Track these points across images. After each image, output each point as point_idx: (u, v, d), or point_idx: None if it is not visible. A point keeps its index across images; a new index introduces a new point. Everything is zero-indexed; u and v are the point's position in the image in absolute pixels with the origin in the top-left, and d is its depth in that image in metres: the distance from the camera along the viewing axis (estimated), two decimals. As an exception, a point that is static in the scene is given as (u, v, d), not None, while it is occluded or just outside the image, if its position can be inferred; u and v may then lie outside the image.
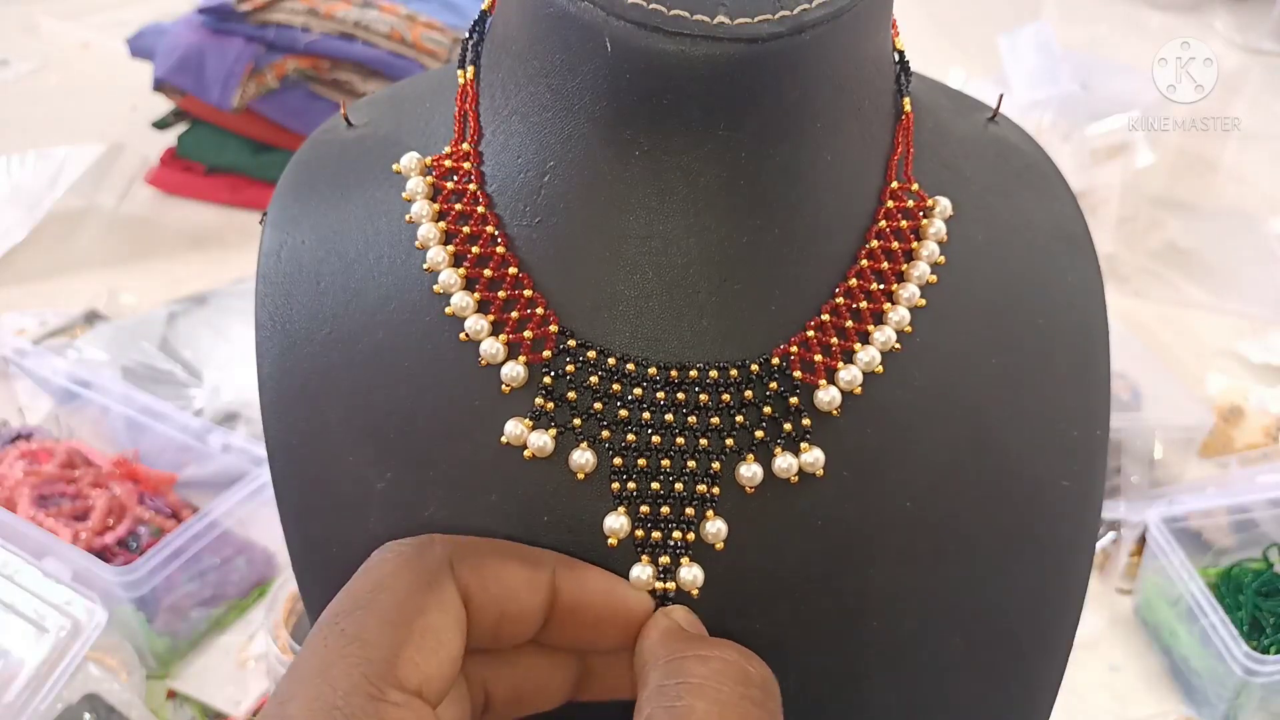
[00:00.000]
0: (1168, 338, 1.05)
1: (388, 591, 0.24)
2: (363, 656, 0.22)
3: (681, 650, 0.24)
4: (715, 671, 0.23)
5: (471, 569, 0.25)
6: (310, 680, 0.22)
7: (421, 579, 0.24)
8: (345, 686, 0.21)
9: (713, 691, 0.22)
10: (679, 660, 0.24)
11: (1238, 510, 0.76)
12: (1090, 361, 0.31)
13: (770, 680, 0.24)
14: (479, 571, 0.25)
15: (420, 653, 0.22)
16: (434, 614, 0.23)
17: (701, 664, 0.23)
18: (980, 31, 1.44)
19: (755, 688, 0.23)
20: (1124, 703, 0.71)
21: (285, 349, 0.29)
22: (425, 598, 0.23)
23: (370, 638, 0.22)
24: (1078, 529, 0.31)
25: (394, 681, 0.22)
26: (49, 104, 1.47)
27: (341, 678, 0.22)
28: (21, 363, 0.86)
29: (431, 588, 0.23)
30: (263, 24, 1.11)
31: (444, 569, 0.24)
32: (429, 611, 0.23)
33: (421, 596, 0.23)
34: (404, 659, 0.22)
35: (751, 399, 0.27)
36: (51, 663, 0.57)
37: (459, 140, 0.30)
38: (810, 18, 0.25)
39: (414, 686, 0.22)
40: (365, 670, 0.22)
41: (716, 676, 0.23)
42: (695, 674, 0.23)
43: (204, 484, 0.77)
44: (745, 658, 0.24)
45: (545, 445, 0.27)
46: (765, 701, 0.23)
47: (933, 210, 0.30)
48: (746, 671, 0.23)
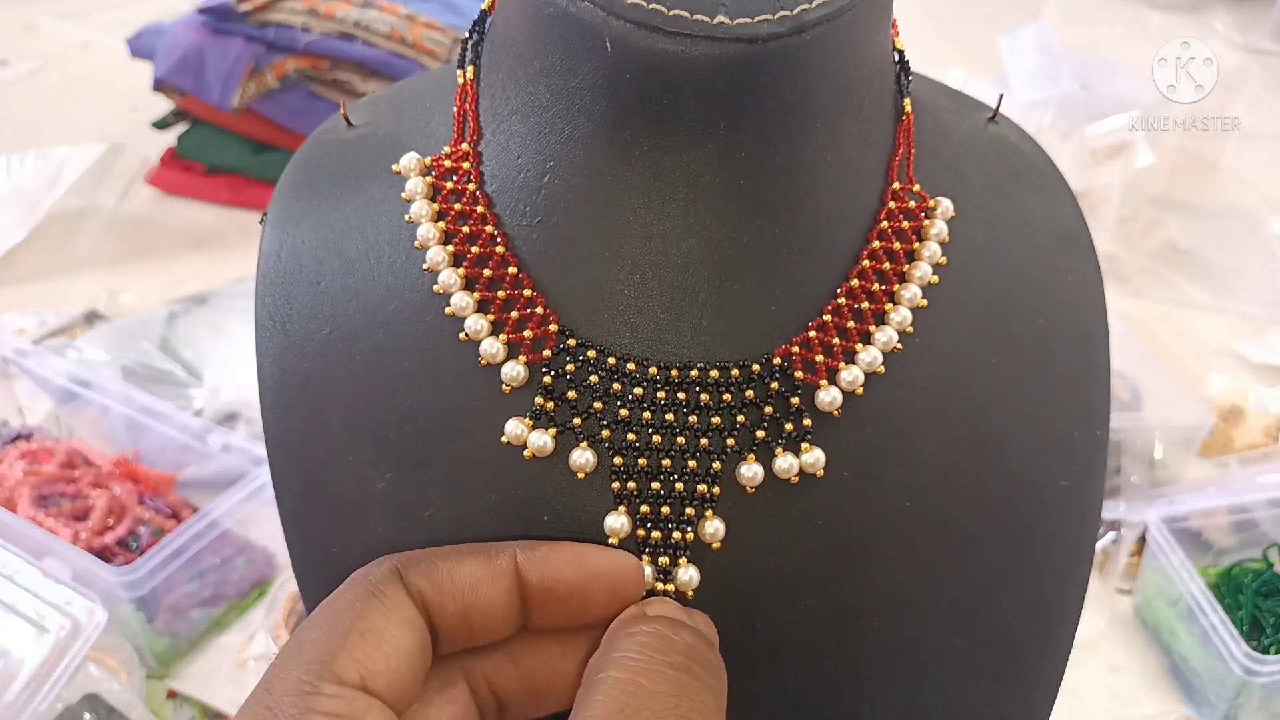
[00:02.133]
0: (1168, 338, 1.05)
1: (329, 608, 0.25)
2: (299, 661, 0.23)
3: (617, 629, 0.25)
4: (636, 643, 0.24)
5: (422, 573, 0.25)
6: (254, 693, 0.23)
7: (363, 590, 0.25)
8: (281, 689, 0.22)
9: (630, 661, 0.23)
10: (611, 637, 0.25)
11: (1238, 510, 0.76)
12: (1090, 361, 0.31)
13: (699, 645, 0.25)
14: (430, 574, 0.25)
15: (360, 649, 0.23)
16: (374, 616, 0.24)
17: (627, 638, 0.24)
18: (980, 31, 1.44)
19: (677, 654, 0.24)
20: (1124, 703, 0.71)
21: (285, 349, 0.29)
22: (365, 604, 0.24)
23: (307, 645, 0.23)
24: (1078, 529, 0.31)
25: (330, 677, 0.22)
26: (49, 104, 1.47)
27: (279, 683, 0.23)
28: (21, 363, 0.86)
29: (373, 595, 0.24)
30: (263, 24, 1.11)
31: (389, 578, 0.25)
32: (369, 615, 0.24)
33: (361, 604, 0.24)
34: (341, 656, 0.23)
35: (752, 398, 0.27)
36: (51, 663, 0.57)
37: (459, 140, 0.30)
38: (810, 18, 0.25)
39: (354, 680, 0.23)
40: (301, 672, 0.23)
41: (636, 647, 0.24)
42: (619, 648, 0.24)
43: (204, 484, 0.77)
44: (673, 627, 0.25)
45: (545, 445, 0.27)
46: (690, 666, 0.24)
47: (934, 211, 0.30)
48: (669, 640, 0.24)
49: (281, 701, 0.22)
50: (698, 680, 0.24)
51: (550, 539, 0.27)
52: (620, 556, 0.27)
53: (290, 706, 0.22)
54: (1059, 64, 1.13)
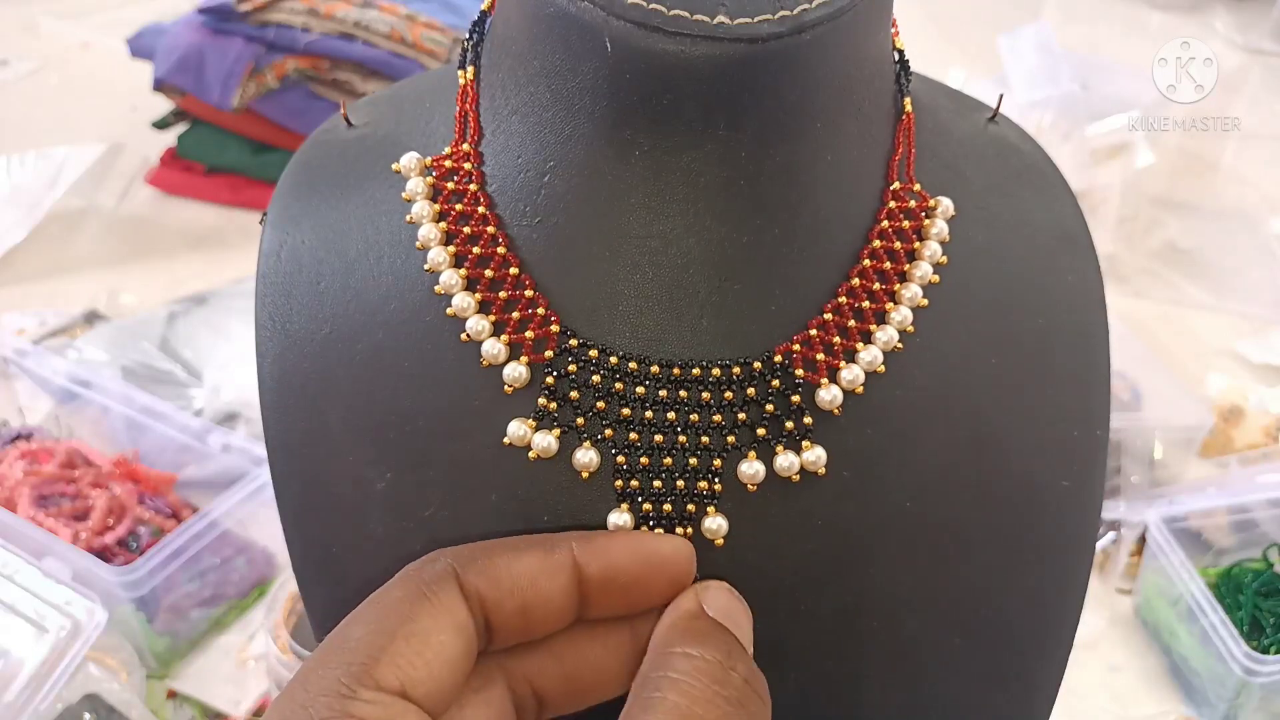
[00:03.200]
0: (1168, 338, 1.05)
1: (377, 604, 0.24)
2: (340, 660, 0.23)
3: (675, 643, 0.25)
4: (695, 668, 0.24)
5: (478, 571, 0.25)
6: (290, 687, 0.23)
7: (414, 589, 0.24)
8: (318, 689, 0.22)
9: (686, 686, 0.23)
10: (668, 654, 0.24)
11: (1238, 510, 0.76)
12: (1090, 361, 0.31)
13: (753, 685, 0.24)
14: (487, 571, 0.25)
15: (404, 655, 0.23)
16: (424, 619, 0.23)
17: (685, 660, 0.24)
18: (980, 31, 1.44)
19: (732, 689, 0.24)
20: (1124, 703, 0.71)
21: (285, 349, 0.29)
22: (415, 606, 0.24)
23: (351, 644, 0.23)
24: (1078, 529, 0.31)
25: (369, 682, 0.22)
26: (49, 104, 1.47)
27: (316, 681, 0.22)
28: (21, 363, 0.86)
29: (424, 597, 0.24)
30: (263, 24, 1.11)
31: (444, 578, 0.24)
32: (418, 618, 0.23)
33: (411, 605, 0.24)
34: (384, 661, 0.23)
35: (754, 396, 0.27)
36: (51, 663, 0.57)
37: (459, 140, 0.30)
38: (810, 18, 0.25)
39: (394, 686, 0.22)
40: (340, 673, 0.22)
41: (694, 673, 0.24)
42: (676, 668, 0.24)
43: (204, 484, 0.77)
44: (730, 659, 0.24)
45: (550, 446, 0.27)
46: (744, 702, 0.24)
47: (934, 210, 0.30)
48: (726, 673, 0.24)
49: (318, 701, 0.22)
50: (750, 717, 0.24)
51: None
52: (677, 542, 0.26)
53: (325, 709, 0.22)
54: (1059, 64, 1.13)
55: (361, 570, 0.29)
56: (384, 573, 0.27)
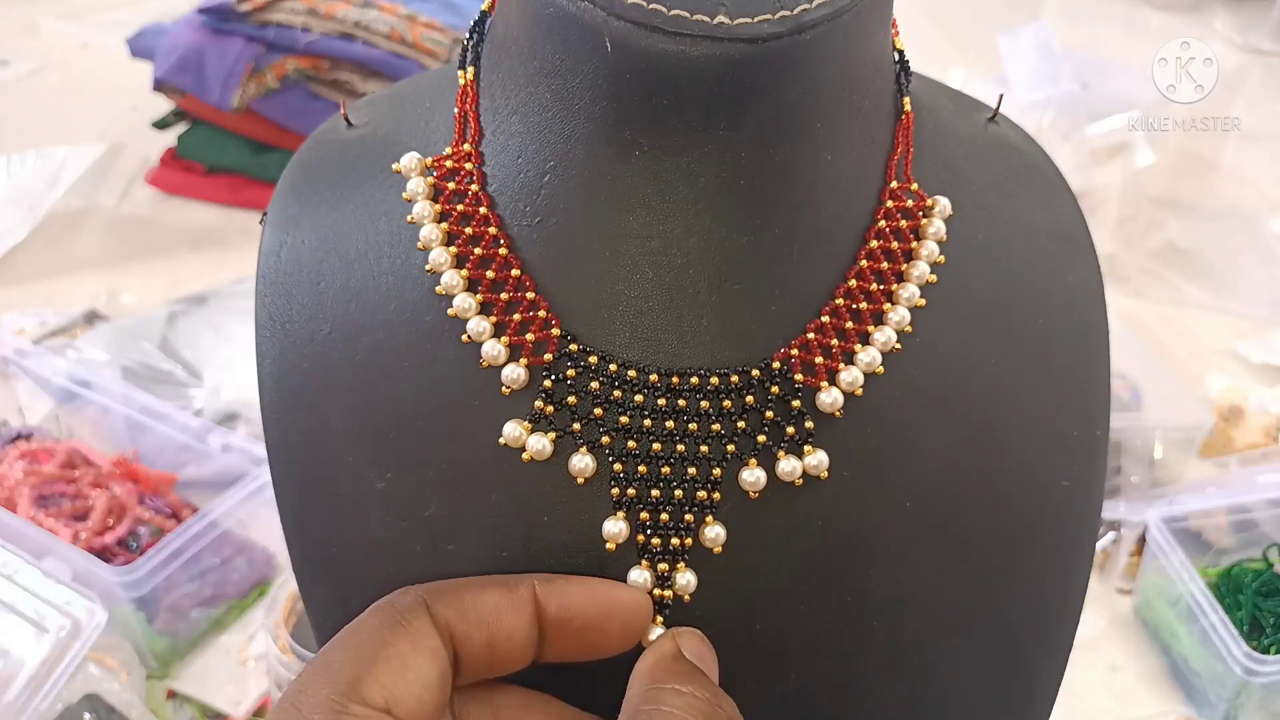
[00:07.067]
0: (1168, 338, 1.05)
1: (355, 632, 0.25)
2: (326, 680, 0.24)
3: (663, 680, 0.26)
4: (687, 703, 0.25)
5: (448, 603, 0.26)
6: (281, 707, 0.24)
7: (389, 617, 0.25)
8: (311, 706, 0.23)
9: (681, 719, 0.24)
10: (658, 689, 0.25)
11: (1238, 510, 0.76)
12: (1090, 361, 0.31)
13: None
14: (456, 603, 0.26)
15: (386, 675, 0.24)
16: (400, 644, 0.25)
17: (677, 696, 0.25)
18: (980, 31, 1.44)
19: None
20: (1124, 703, 0.71)
21: (285, 349, 0.29)
22: (391, 632, 0.25)
23: (334, 667, 0.24)
24: (1078, 529, 0.31)
25: (357, 698, 0.23)
26: (49, 104, 1.47)
27: (308, 700, 0.23)
28: (21, 363, 0.86)
29: (398, 623, 0.25)
30: (263, 24, 1.11)
31: (416, 608, 0.25)
32: (395, 642, 0.25)
33: (388, 631, 0.25)
34: (368, 680, 0.24)
35: (753, 404, 0.27)
36: (51, 663, 0.57)
37: (459, 140, 0.30)
38: (810, 18, 0.25)
39: (379, 703, 0.23)
40: (330, 691, 0.23)
41: (686, 708, 0.25)
42: (669, 702, 0.25)
43: (204, 484, 0.77)
44: (718, 697, 0.26)
45: (544, 448, 0.27)
46: None
47: (932, 210, 0.30)
48: (715, 709, 0.25)
49: (313, 717, 0.23)
50: None
51: (550, 539, 0.27)
52: (635, 593, 0.27)
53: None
54: (1059, 64, 1.13)
55: (361, 570, 0.29)
56: (384, 573, 0.27)
